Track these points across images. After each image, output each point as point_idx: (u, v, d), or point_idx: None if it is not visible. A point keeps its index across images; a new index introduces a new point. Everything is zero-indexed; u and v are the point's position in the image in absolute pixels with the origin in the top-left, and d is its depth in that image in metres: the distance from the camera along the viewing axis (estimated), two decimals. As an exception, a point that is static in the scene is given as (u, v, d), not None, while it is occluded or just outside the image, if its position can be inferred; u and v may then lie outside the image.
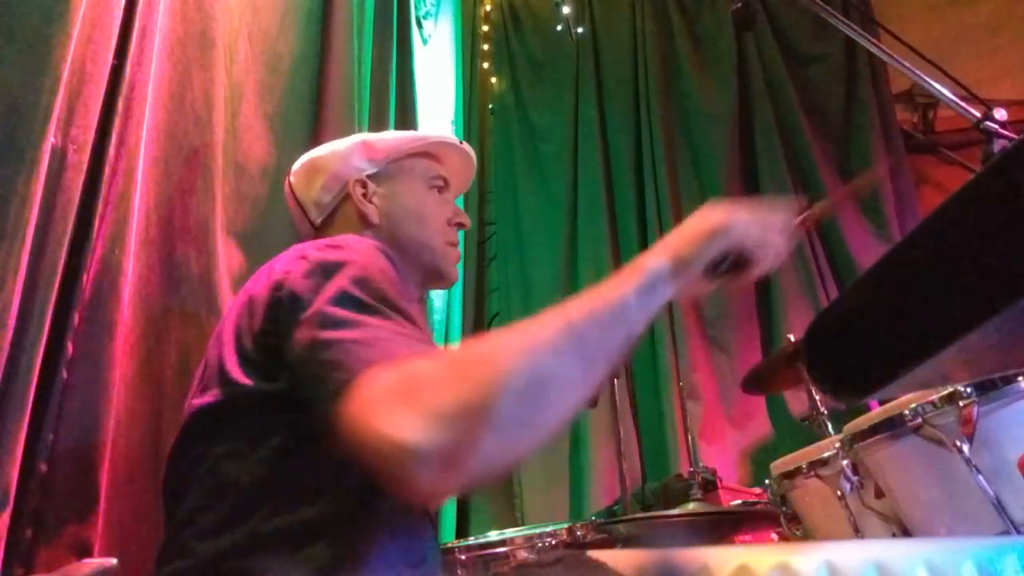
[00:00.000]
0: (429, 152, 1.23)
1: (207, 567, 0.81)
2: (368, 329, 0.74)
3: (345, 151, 1.20)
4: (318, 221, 1.20)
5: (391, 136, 1.23)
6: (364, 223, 1.15)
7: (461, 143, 1.27)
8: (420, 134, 1.25)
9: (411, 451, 0.58)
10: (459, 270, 1.32)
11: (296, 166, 1.25)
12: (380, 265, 0.86)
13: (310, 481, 0.84)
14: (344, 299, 0.78)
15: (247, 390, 0.86)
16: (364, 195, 1.17)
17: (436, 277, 1.20)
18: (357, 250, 0.88)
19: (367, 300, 0.78)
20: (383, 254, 0.89)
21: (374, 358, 0.68)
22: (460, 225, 1.23)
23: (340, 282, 0.80)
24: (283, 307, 0.83)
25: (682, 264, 0.81)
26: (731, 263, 0.87)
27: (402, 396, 0.63)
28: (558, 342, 0.67)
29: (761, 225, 0.89)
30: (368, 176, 1.18)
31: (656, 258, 0.80)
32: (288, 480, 0.84)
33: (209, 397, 0.89)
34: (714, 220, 0.85)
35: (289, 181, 1.25)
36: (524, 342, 0.67)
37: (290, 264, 0.87)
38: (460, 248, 1.24)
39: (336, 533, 0.83)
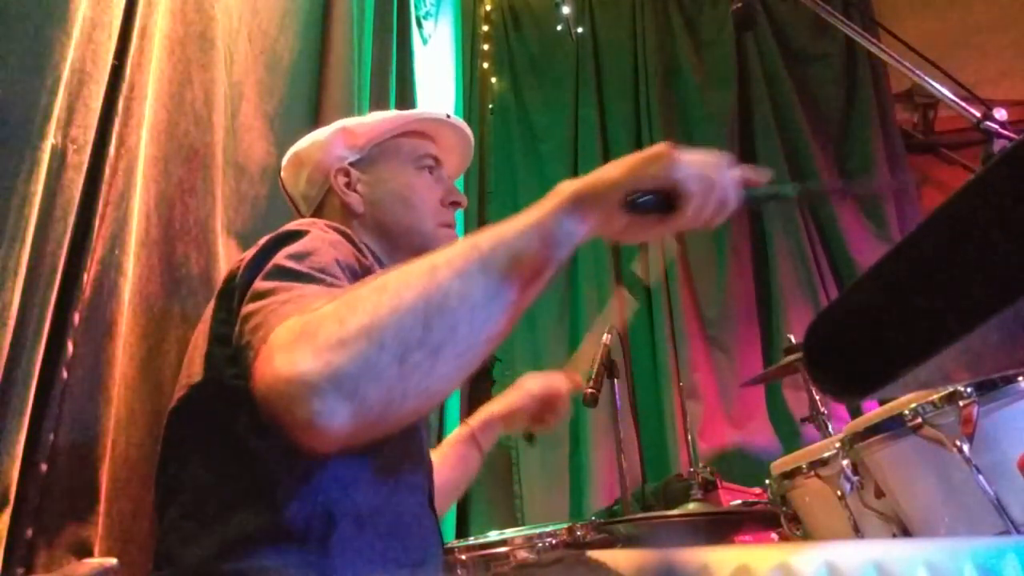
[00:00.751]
0: (416, 131, 1.17)
1: (192, 573, 0.80)
2: (293, 292, 0.71)
3: (325, 140, 1.15)
4: (308, 215, 1.18)
5: (372, 119, 1.17)
6: (349, 213, 1.11)
7: (448, 117, 1.20)
8: (402, 113, 1.17)
9: (301, 382, 0.56)
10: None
11: (284, 160, 1.22)
12: (329, 239, 0.84)
13: (287, 480, 0.81)
14: (275, 271, 0.76)
15: (209, 387, 0.85)
16: (347, 184, 1.13)
17: None
18: (308, 230, 0.86)
19: (300, 269, 0.76)
20: (338, 234, 0.87)
21: (291, 314, 0.65)
22: (455, 204, 1.16)
23: (277, 259, 0.78)
24: (234, 294, 0.82)
25: (604, 184, 0.73)
26: (658, 200, 0.75)
27: (298, 336, 0.61)
28: (459, 263, 0.65)
29: (705, 168, 0.76)
30: (351, 163, 1.14)
31: (577, 181, 0.73)
32: (263, 481, 0.81)
33: (175, 402, 0.89)
34: (655, 148, 0.75)
35: (281, 176, 1.23)
36: (420, 265, 0.65)
37: (246, 253, 0.86)
38: (459, 229, 1.19)
39: (317, 533, 0.80)
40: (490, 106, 4.24)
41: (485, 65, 4.25)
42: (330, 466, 0.83)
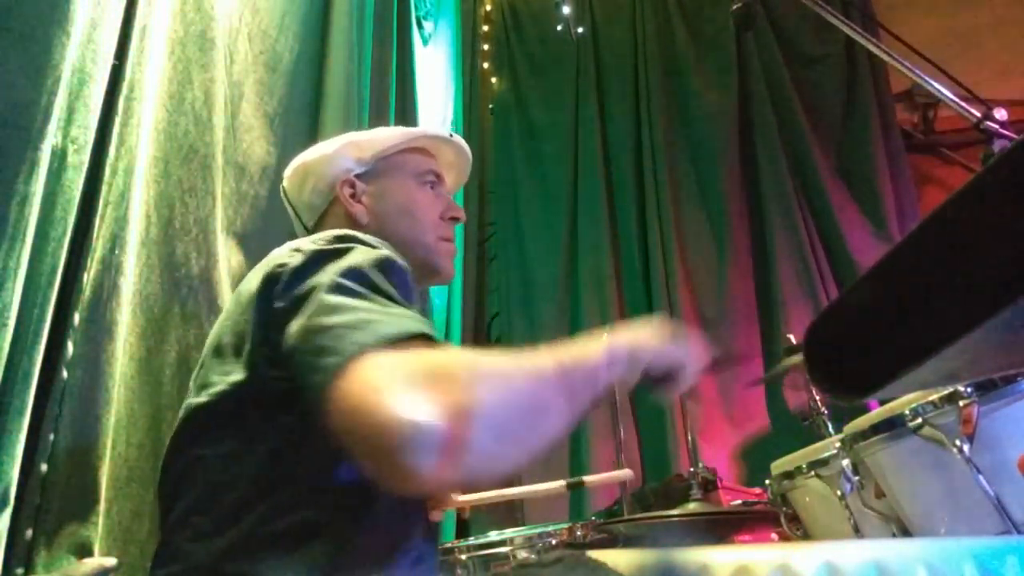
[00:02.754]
0: (419, 148, 1.21)
1: (200, 570, 0.80)
2: (359, 313, 0.73)
3: (333, 152, 1.18)
4: (310, 224, 1.20)
5: (379, 133, 1.21)
6: (353, 224, 1.13)
7: (452, 136, 1.25)
8: (408, 130, 1.22)
9: (416, 433, 0.58)
10: (458, 269, 1.31)
11: (288, 170, 1.24)
12: (378, 256, 0.85)
13: (304, 483, 0.83)
14: (336, 287, 0.77)
15: (240, 389, 0.85)
16: (352, 195, 1.15)
17: (431, 273, 1.18)
18: (354, 243, 0.87)
19: (359, 288, 0.78)
20: (384, 248, 0.89)
21: (366, 341, 0.68)
22: (455, 219, 1.21)
23: (333, 271, 0.80)
24: (276, 300, 0.82)
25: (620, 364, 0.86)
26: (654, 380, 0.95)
27: (412, 379, 0.64)
28: (550, 384, 0.75)
29: (664, 347, 0.93)
30: (357, 175, 1.17)
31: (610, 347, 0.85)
32: (282, 482, 0.83)
33: (203, 397, 0.88)
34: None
35: (283, 186, 1.25)
36: (533, 369, 0.75)
37: (284, 258, 0.87)
38: (458, 244, 1.23)
39: (331, 535, 0.82)
40: (490, 106, 4.24)
41: (485, 65, 4.25)
42: (348, 470, 0.84)
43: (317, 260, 0.84)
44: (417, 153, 1.21)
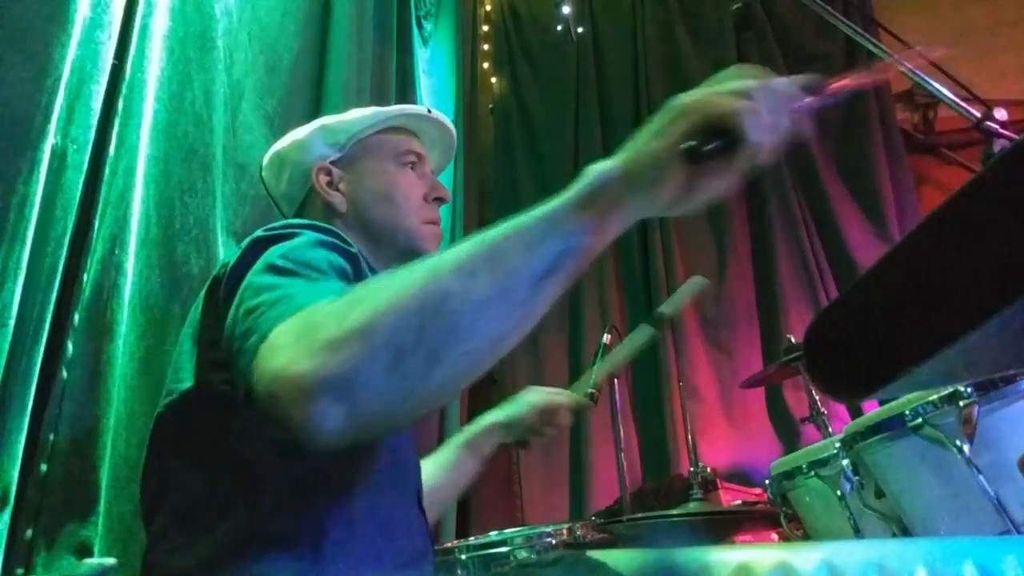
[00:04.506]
0: (398, 127, 1.15)
1: None
2: (284, 289, 0.69)
3: (305, 139, 1.12)
4: (290, 215, 1.15)
5: (351, 116, 1.14)
6: (331, 213, 1.09)
7: (430, 111, 1.18)
8: (381, 109, 1.14)
9: (299, 382, 0.55)
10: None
11: (264, 160, 1.19)
12: (319, 240, 0.82)
13: (276, 487, 0.80)
14: (267, 269, 0.74)
15: (190, 396, 0.83)
16: (329, 183, 1.10)
17: (415, 258, 1.13)
18: (297, 231, 0.84)
19: (288, 267, 0.74)
20: (329, 235, 0.85)
21: (282, 314, 0.64)
22: (439, 200, 1.13)
23: (266, 257, 0.77)
24: (220, 296, 0.80)
25: (646, 157, 0.65)
26: (722, 141, 0.64)
27: (296, 335, 0.60)
28: (464, 260, 0.60)
29: (744, 87, 0.66)
30: (332, 162, 1.11)
31: (608, 162, 0.67)
32: (252, 488, 0.80)
33: (161, 407, 0.87)
34: (677, 102, 0.67)
35: (262, 176, 1.20)
36: (424, 264, 0.61)
37: (232, 256, 0.84)
38: (445, 226, 1.16)
39: (306, 539, 0.79)
40: (490, 106, 4.24)
41: (485, 65, 4.25)
42: (319, 471, 0.82)
43: (255, 246, 0.81)
44: (395, 133, 1.14)
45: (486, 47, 4.28)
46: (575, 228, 0.63)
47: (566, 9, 3.76)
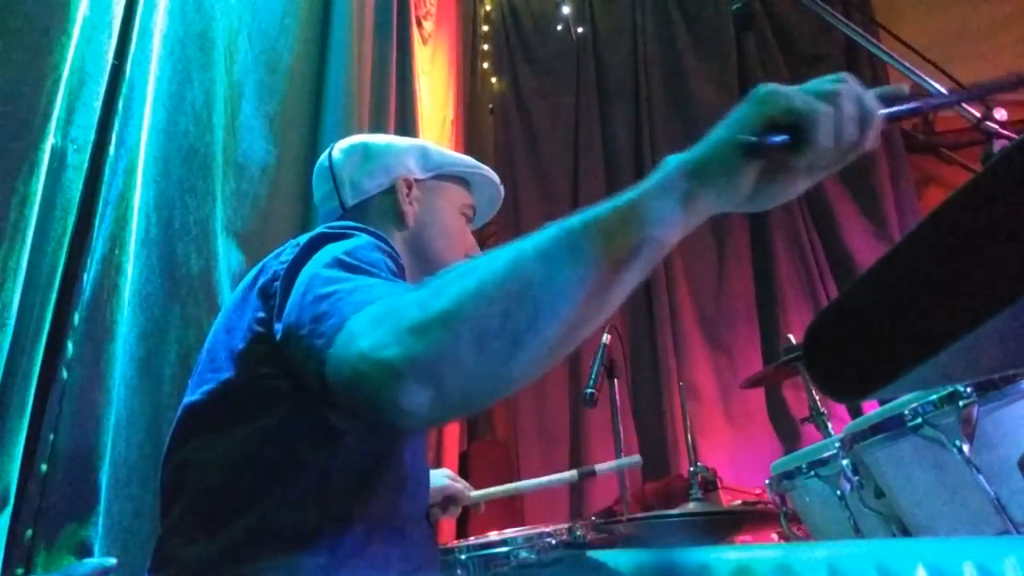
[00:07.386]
0: (468, 180, 1.25)
1: (194, 574, 0.79)
2: (356, 281, 0.72)
3: (404, 147, 1.20)
4: (350, 203, 1.18)
5: (447, 152, 1.25)
6: (399, 220, 1.15)
7: (500, 185, 1.30)
8: (473, 161, 1.25)
9: (388, 365, 0.58)
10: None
11: (344, 144, 1.23)
12: (375, 243, 0.85)
13: (296, 484, 0.82)
14: (334, 263, 0.77)
15: (230, 387, 0.84)
16: (408, 195, 1.16)
17: None
18: (355, 233, 0.87)
19: (355, 263, 0.77)
20: (381, 241, 0.88)
21: (365, 302, 0.66)
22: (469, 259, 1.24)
23: (331, 251, 0.80)
24: (277, 289, 0.81)
25: (716, 146, 0.64)
26: (779, 141, 0.62)
27: (379, 320, 0.63)
28: (546, 247, 0.62)
29: (822, 87, 0.65)
30: (416, 180, 1.19)
31: (686, 153, 0.66)
32: (272, 485, 0.81)
33: (196, 396, 0.88)
34: (755, 92, 0.65)
35: (329, 155, 1.23)
36: (508, 250, 0.63)
37: (286, 254, 0.86)
38: None
39: (325, 539, 0.81)
40: (490, 106, 4.24)
41: (485, 65, 4.25)
42: (341, 472, 0.83)
43: (315, 242, 0.84)
44: (461, 185, 1.24)
45: (486, 47, 4.28)
46: (651, 219, 0.63)
47: (566, 9, 3.77)
